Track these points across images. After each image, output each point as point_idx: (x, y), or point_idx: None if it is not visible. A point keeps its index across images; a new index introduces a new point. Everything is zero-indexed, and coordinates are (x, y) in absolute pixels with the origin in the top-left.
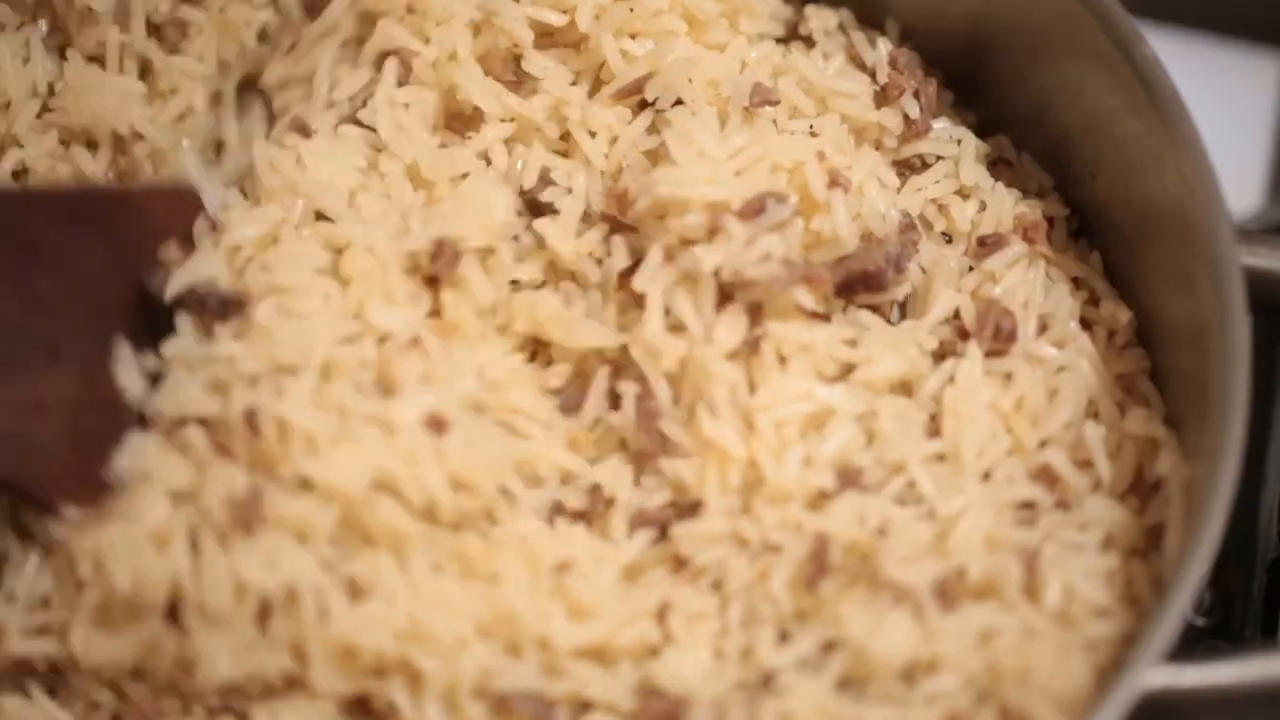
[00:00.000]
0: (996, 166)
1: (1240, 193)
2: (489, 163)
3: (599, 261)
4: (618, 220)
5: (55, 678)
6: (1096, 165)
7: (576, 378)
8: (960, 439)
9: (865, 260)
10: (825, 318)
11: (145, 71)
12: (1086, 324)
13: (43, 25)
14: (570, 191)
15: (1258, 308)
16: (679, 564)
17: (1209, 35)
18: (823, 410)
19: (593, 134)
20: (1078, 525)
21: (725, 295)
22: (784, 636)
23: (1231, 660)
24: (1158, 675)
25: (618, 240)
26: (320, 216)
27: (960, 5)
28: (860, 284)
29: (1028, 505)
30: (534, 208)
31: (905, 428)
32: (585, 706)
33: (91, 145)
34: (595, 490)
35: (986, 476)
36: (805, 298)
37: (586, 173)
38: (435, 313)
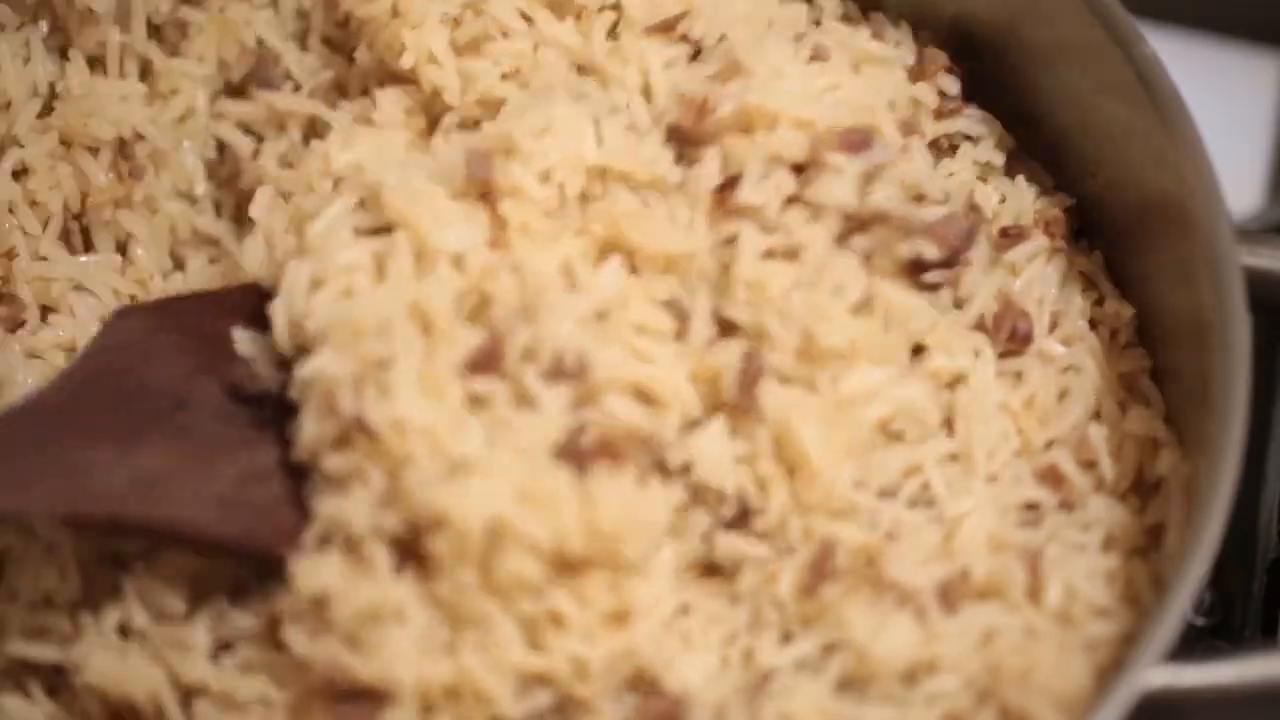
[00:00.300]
0: (1012, 161)
1: (1240, 193)
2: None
3: (678, 165)
4: (685, 137)
5: (55, 677)
6: (1096, 165)
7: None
8: (972, 439)
9: (945, 230)
10: (932, 287)
11: (145, 72)
12: (1091, 323)
13: (43, 26)
14: (613, 110)
15: (1258, 308)
16: (707, 569)
17: (1209, 35)
18: (898, 412)
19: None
20: (1080, 525)
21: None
22: (787, 638)
23: (1231, 660)
24: (1158, 675)
25: (711, 151)
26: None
27: (960, 5)
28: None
29: (1032, 506)
30: None
31: (933, 426)
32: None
33: (92, 149)
34: (685, 468)
35: (993, 477)
36: (930, 250)
37: (629, 95)
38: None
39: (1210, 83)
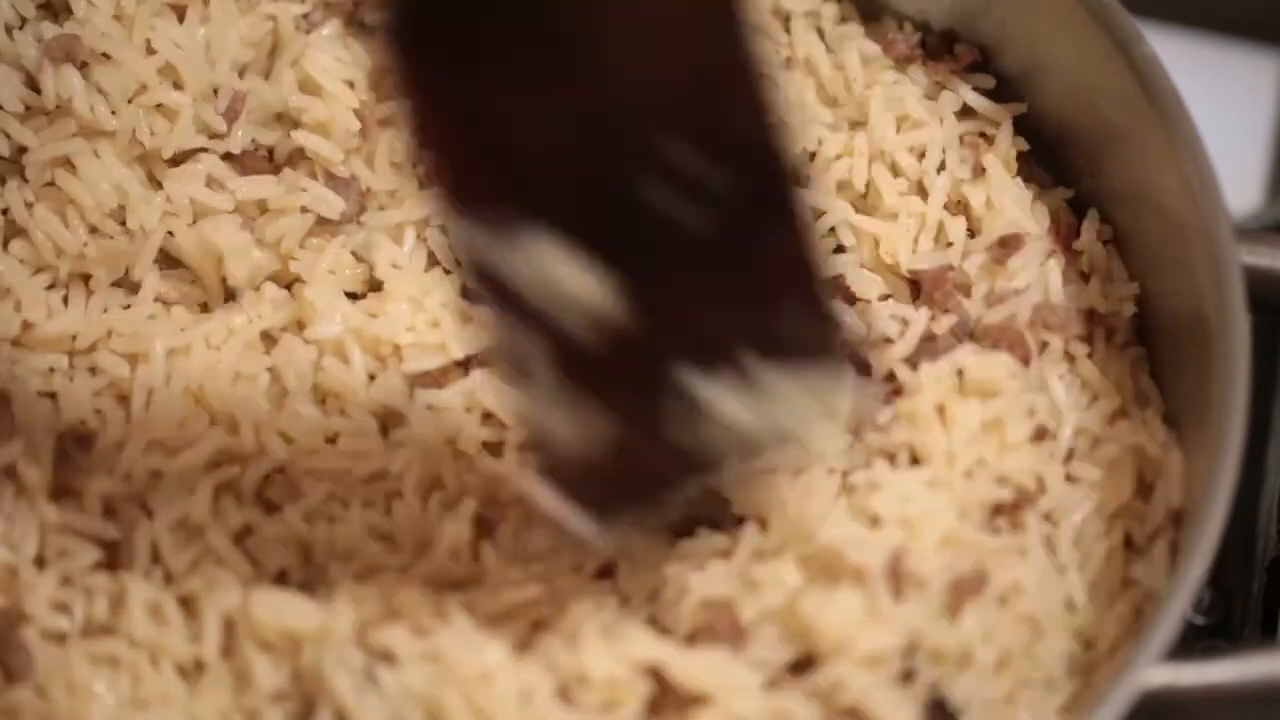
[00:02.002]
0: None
1: (1240, 193)
2: None
3: None
4: None
5: None
6: (1096, 165)
7: None
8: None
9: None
10: None
11: None
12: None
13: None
14: None
15: (1257, 307)
16: None
17: (1209, 35)
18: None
19: None
20: (1075, 524)
21: None
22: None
23: (1231, 659)
24: (1158, 674)
25: None
26: None
27: (958, 6)
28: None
29: (1020, 505)
30: None
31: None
32: None
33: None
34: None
35: (969, 474)
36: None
37: None
38: None
39: (1210, 83)
